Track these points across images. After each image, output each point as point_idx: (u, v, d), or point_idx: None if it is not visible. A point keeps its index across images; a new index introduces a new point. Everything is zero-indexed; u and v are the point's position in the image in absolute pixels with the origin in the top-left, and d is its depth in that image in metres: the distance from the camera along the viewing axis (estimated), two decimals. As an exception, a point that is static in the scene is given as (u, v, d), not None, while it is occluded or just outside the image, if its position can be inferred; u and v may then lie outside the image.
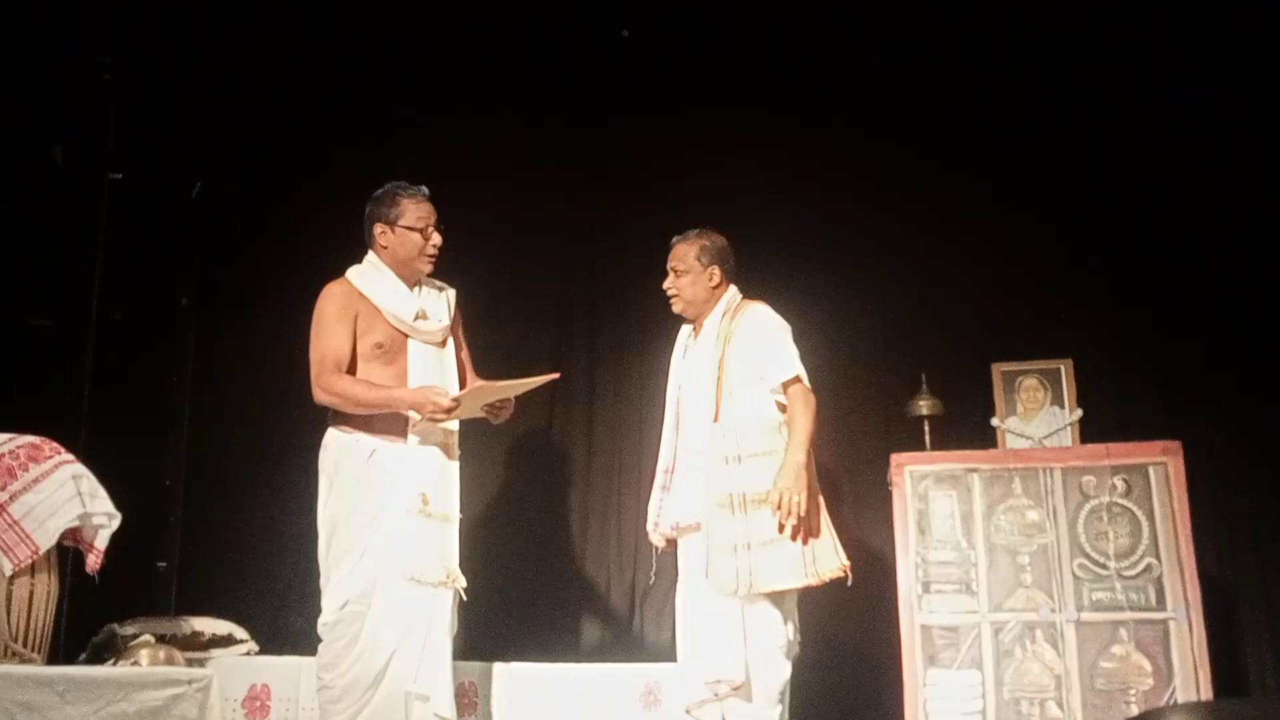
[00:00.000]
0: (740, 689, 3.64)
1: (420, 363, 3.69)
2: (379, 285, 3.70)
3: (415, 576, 3.52)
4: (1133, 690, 4.11)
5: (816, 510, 3.77)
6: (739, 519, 3.71)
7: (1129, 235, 5.35)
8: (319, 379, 3.61)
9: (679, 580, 3.94)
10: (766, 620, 3.68)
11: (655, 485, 4.01)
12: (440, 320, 3.78)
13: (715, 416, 3.83)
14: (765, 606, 3.68)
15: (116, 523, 3.57)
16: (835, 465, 5.03)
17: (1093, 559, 4.27)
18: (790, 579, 3.68)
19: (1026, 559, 4.32)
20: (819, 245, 5.35)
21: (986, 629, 4.27)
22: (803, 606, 3.83)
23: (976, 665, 4.23)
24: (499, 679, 4.12)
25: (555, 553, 5.06)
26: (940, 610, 4.29)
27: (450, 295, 3.86)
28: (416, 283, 3.78)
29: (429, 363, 3.71)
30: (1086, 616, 4.23)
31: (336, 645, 3.51)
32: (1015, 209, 5.38)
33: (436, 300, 3.80)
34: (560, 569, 5.04)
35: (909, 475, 4.44)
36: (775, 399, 3.84)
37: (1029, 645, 4.23)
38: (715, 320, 3.97)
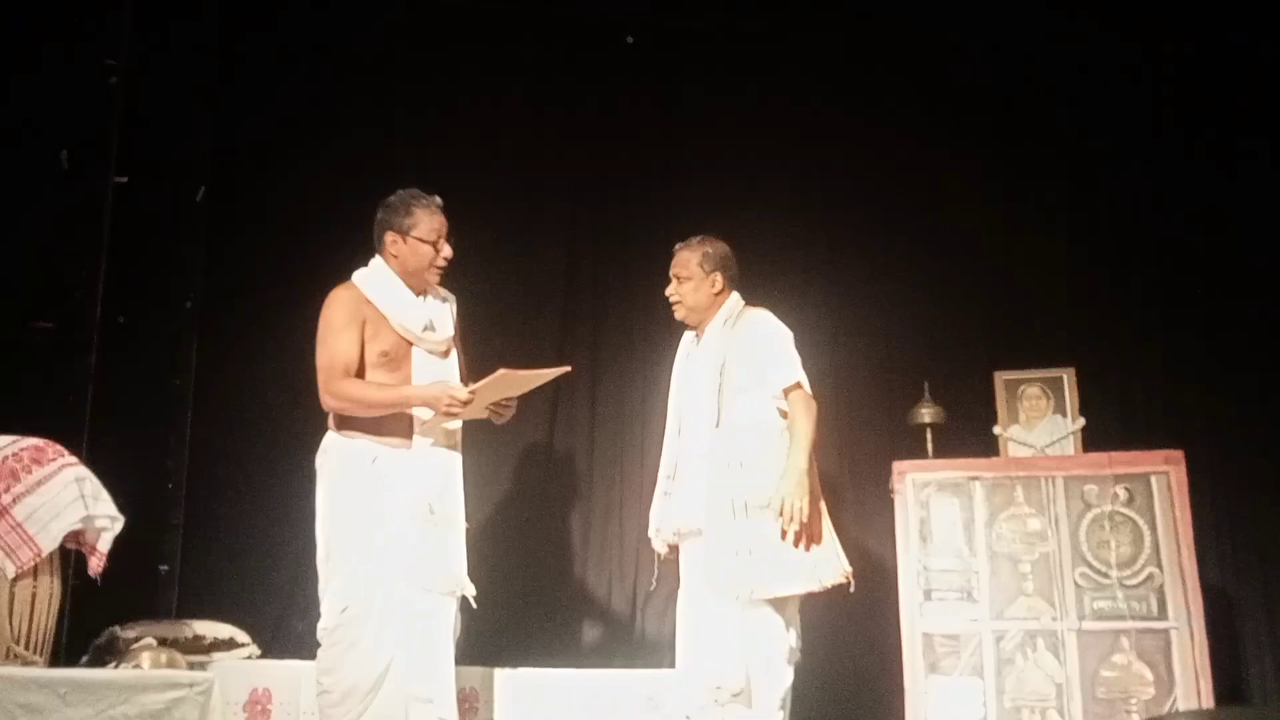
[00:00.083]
0: (741, 695, 3.64)
1: (424, 371, 3.68)
2: (388, 294, 3.68)
3: (423, 585, 3.51)
4: (1134, 699, 4.11)
5: (818, 516, 3.77)
6: (741, 525, 3.71)
7: (1132, 244, 5.36)
8: (328, 384, 3.58)
9: (680, 586, 3.94)
10: (768, 626, 3.68)
11: (657, 491, 4.01)
12: (446, 331, 3.78)
13: (717, 422, 3.83)
14: (767, 612, 3.68)
15: (119, 525, 3.57)
16: (838, 472, 5.03)
17: (1094, 568, 4.27)
18: (792, 585, 3.68)
19: (1028, 567, 4.32)
20: (822, 253, 5.36)
21: (988, 637, 4.26)
22: (805, 613, 3.83)
23: (978, 673, 4.23)
24: (500, 684, 4.12)
25: (557, 558, 5.06)
26: (942, 618, 4.29)
27: (452, 304, 3.86)
28: (422, 291, 3.77)
29: (433, 371, 3.71)
30: (1088, 625, 4.22)
31: (336, 649, 3.50)
32: (1018, 217, 5.39)
33: (441, 310, 3.79)
34: (562, 574, 5.04)
35: (911, 483, 4.44)
36: (777, 405, 3.84)
37: (1030, 653, 4.23)
38: (717, 327, 3.97)
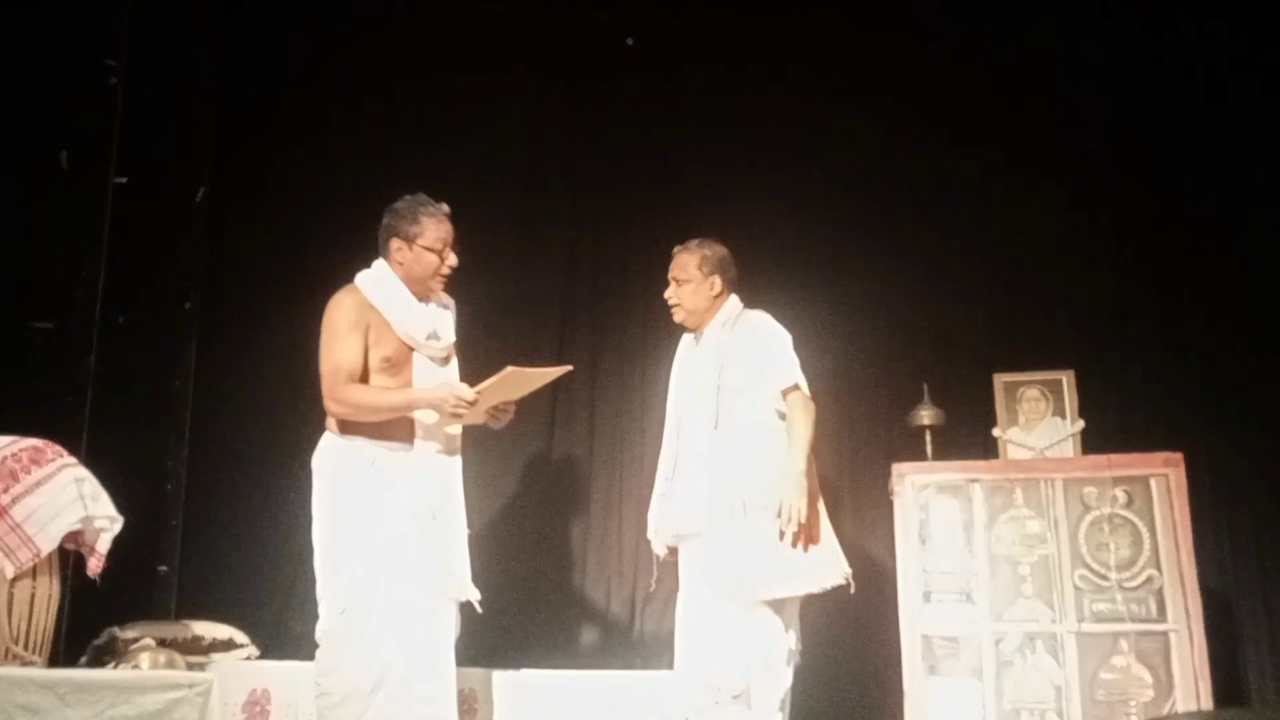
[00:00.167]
0: (740, 696, 3.64)
1: (425, 377, 3.67)
2: (392, 299, 3.66)
3: (423, 588, 3.51)
4: (1133, 701, 4.11)
5: (817, 517, 3.77)
6: (740, 526, 3.71)
7: (1131, 247, 5.37)
8: (333, 391, 3.55)
9: (680, 588, 3.94)
10: (768, 628, 3.68)
11: (655, 493, 4.01)
12: (448, 339, 3.77)
13: (716, 424, 3.83)
14: (767, 614, 3.68)
15: (118, 526, 3.57)
16: (837, 475, 5.03)
17: (1094, 570, 4.27)
18: (792, 586, 3.69)
19: (1027, 569, 4.32)
20: (821, 255, 5.37)
21: (987, 639, 4.26)
22: (804, 615, 3.83)
23: (977, 675, 4.23)
24: (499, 686, 4.11)
25: (556, 559, 5.06)
26: (941, 620, 4.29)
27: (453, 310, 3.85)
28: (424, 298, 3.75)
29: (433, 377, 3.69)
30: (1087, 627, 4.22)
31: (335, 651, 3.50)
32: (1017, 219, 5.39)
33: (443, 316, 3.77)
34: (561, 576, 5.04)
35: (910, 485, 4.44)
36: (776, 407, 3.84)
37: (1029, 656, 4.23)
38: (716, 329, 3.97)
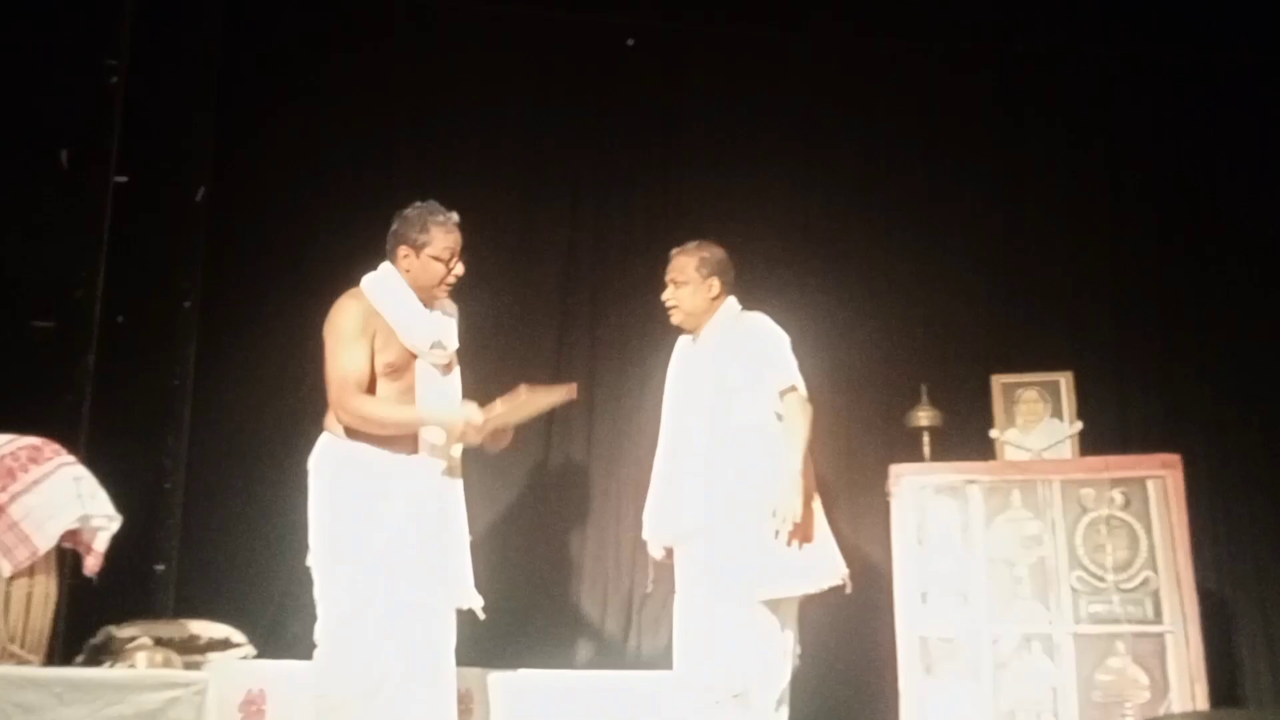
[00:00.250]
0: (738, 696, 3.64)
1: (427, 385, 3.65)
2: (398, 307, 3.63)
3: (423, 590, 3.50)
4: (1129, 703, 4.12)
5: (813, 518, 3.77)
6: (738, 527, 3.71)
7: (1129, 249, 5.37)
8: (342, 401, 3.52)
9: (677, 588, 3.94)
10: (765, 627, 3.68)
11: (651, 494, 4.01)
12: (452, 347, 3.75)
13: (714, 425, 3.83)
14: (764, 614, 3.68)
15: (116, 525, 3.57)
16: (834, 476, 5.02)
17: (1090, 571, 4.28)
18: (789, 586, 3.69)
19: (1024, 571, 4.32)
20: (819, 257, 5.37)
21: (984, 640, 4.27)
22: (802, 616, 3.83)
23: (973, 676, 4.23)
24: (496, 686, 4.11)
25: (554, 560, 5.06)
26: (938, 621, 4.30)
27: (456, 317, 3.82)
28: (428, 304, 3.72)
29: (435, 385, 3.67)
30: (1084, 629, 4.23)
31: (334, 653, 3.49)
32: (1016, 222, 5.40)
33: (447, 324, 3.75)
34: (559, 576, 5.04)
35: (908, 486, 4.45)
36: (773, 408, 3.84)
37: (1026, 657, 4.23)
38: (714, 330, 3.98)
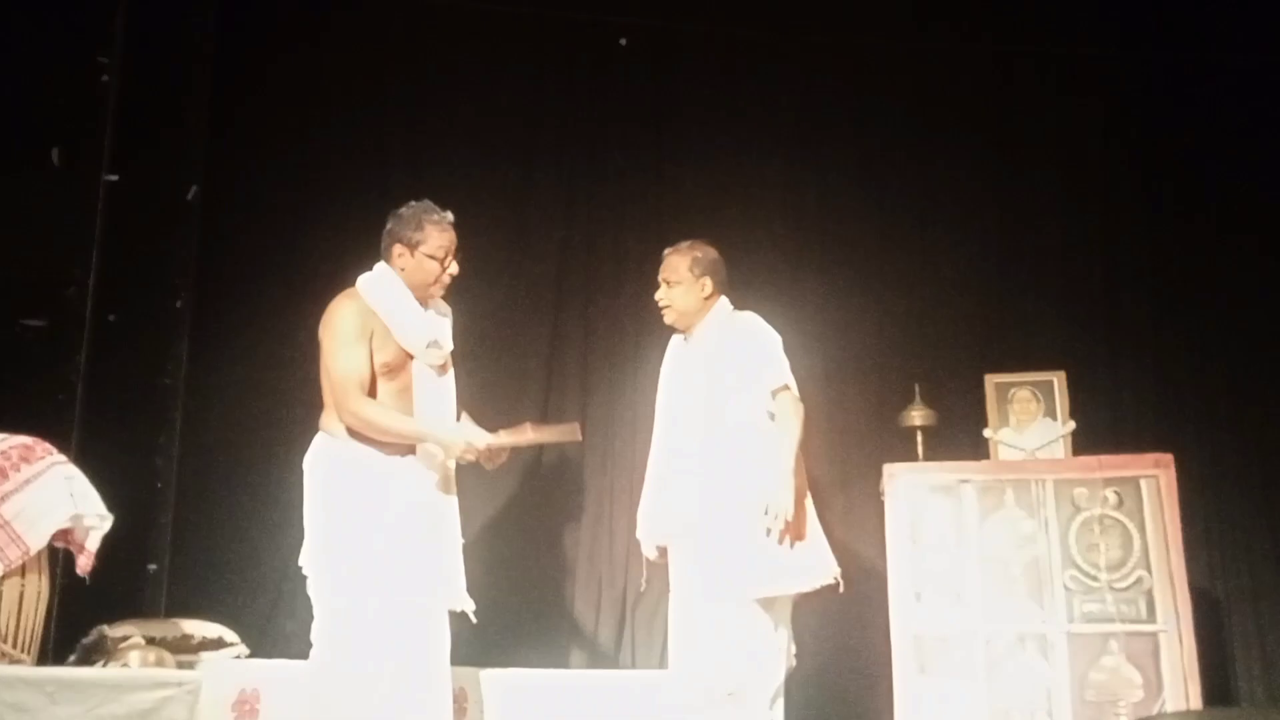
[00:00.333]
0: (732, 695, 3.64)
1: (422, 385, 3.64)
2: (394, 306, 3.63)
3: (418, 590, 3.49)
4: (1122, 702, 4.12)
5: (805, 517, 3.78)
6: (730, 526, 3.72)
7: (1123, 248, 5.38)
8: (346, 402, 3.51)
9: (671, 587, 3.94)
10: (759, 626, 3.68)
11: (645, 493, 4.01)
12: (448, 347, 3.74)
13: (706, 425, 3.84)
14: (757, 612, 3.68)
15: (108, 524, 3.56)
16: (828, 475, 5.03)
17: (1084, 570, 4.28)
18: (782, 585, 3.70)
19: (1018, 570, 4.33)
20: (812, 256, 5.37)
21: (978, 639, 4.27)
22: (796, 615, 3.83)
23: (968, 675, 4.24)
24: (491, 686, 4.11)
25: (548, 559, 5.05)
26: (932, 620, 4.30)
27: (450, 318, 3.81)
28: (423, 304, 3.72)
29: (430, 386, 3.67)
30: (1077, 628, 4.23)
31: (329, 653, 3.49)
32: (1009, 221, 5.41)
33: (442, 324, 3.75)
34: (553, 575, 5.03)
35: (902, 485, 4.45)
36: (766, 407, 3.84)
37: (1020, 656, 4.24)
38: (707, 330, 3.98)
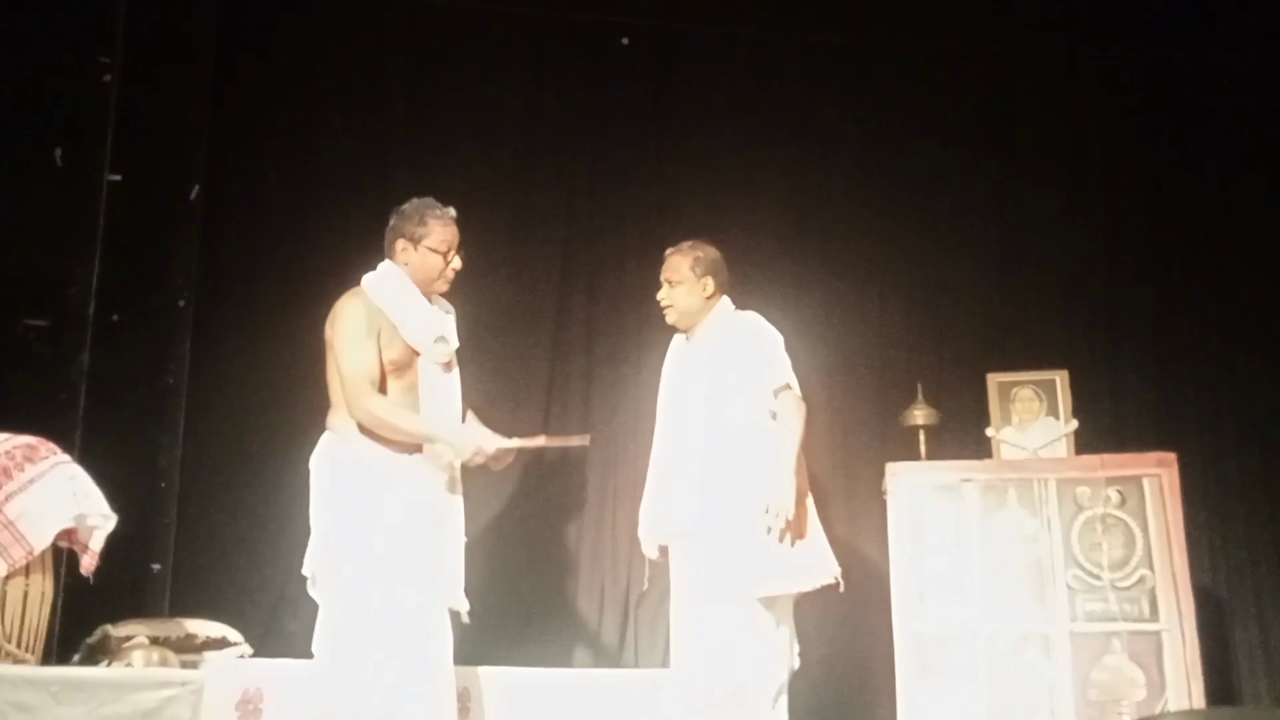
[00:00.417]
0: (734, 695, 3.65)
1: (428, 382, 3.64)
2: (400, 303, 3.63)
3: (419, 590, 3.49)
4: (1125, 701, 4.12)
5: (806, 516, 3.78)
6: (731, 526, 3.72)
7: (1125, 248, 5.38)
8: (358, 399, 3.51)
9: (672, 587, 3.94)
10: (760, 625, 3.68)
11: (647, 493, 4.01)
12: (454, 344, 3.75)
13: (708, 424, 3.83)
14: (758, 611, 3.68)
15: (112, 524, 3.57)
16: (830, 474, 5.03)
17: (1086, 570, 4.28)
18: (783, 584, 3.70)
19: (1020, 569, 4.33)
20: (814, 256, 5.37)
21: (980, 639, 4.27)
22: (799, 615, 3.84)
23: (970, 675, 4.24)
24: (493, 685, 4.11)
25: (551, 559, 5.05)
26: (934, 620, 4.30)
27: (453, 316, 3.82)
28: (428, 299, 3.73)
29: (436, 383, 3.67)
30: (1080, 627, 4.23)
31: (334, 653, 3.47)
32: (1011, 220, 5.41)
33: (447, 322, 3.75)
34: (556, 575, 5.03)
35: (904, 484, 4.45)
36: (768, 407, 3.85)
37: (1022, 655, 4.24)
38: (708, 330, 3.98)
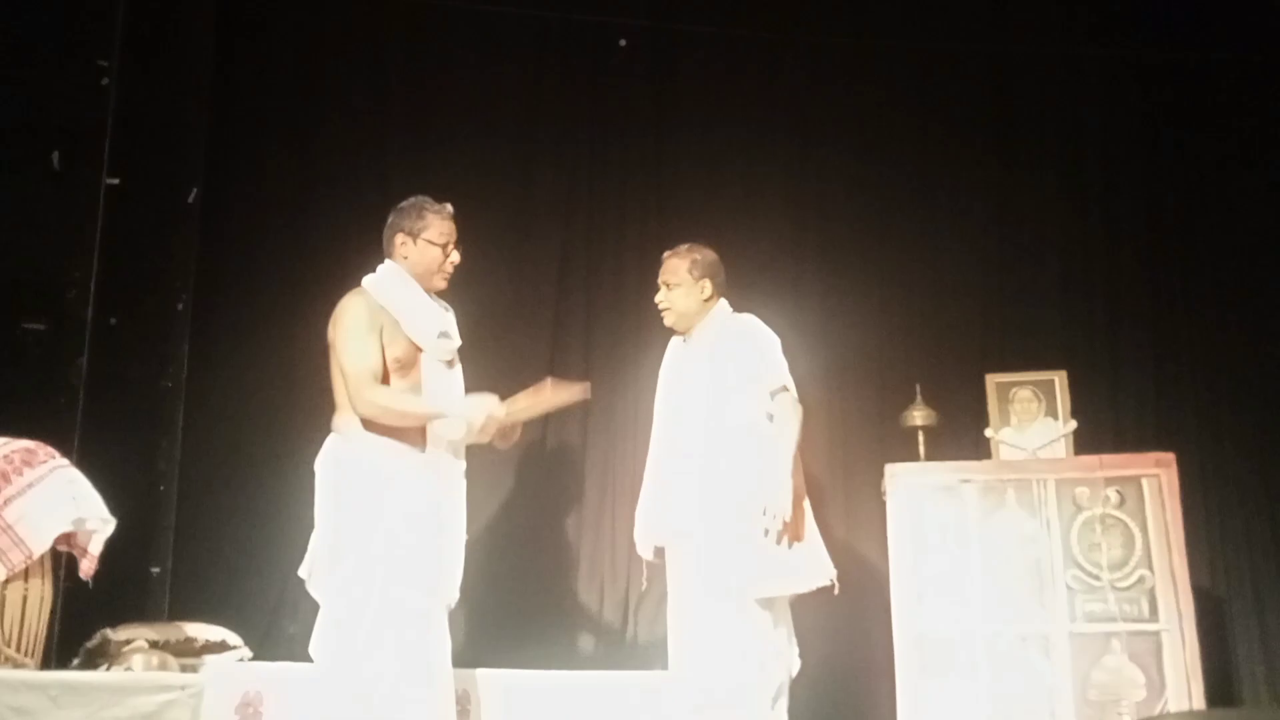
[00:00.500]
0: (733, 695, 3.65)
1: (432, 379, 3.65)
2: (402, 300, 3.65)
3: (419, 589, 3.50)
4: (1125, 701, 4.12)
5: (802, 518, 3.78)
6: (729, 527, 3.71)
7: (1124, 248, 5.39)
8: (361, 392, 3.52)
9: (669, 588, 3.94)
10: (758, 626, 3.68)
11: (643, 494, 4.01)
12: (457, 340, 3.76)
13: (706, 426, 3.83)
14: (756, 613, 3.68)
15: (110, 527, 3.57)
16: (830, 475, 5.03)
17: (1086, 570, 4.28)
18: (780, 585, 3.70)
19: (1020, 570, 4.33)
20: (813, 257, 5.37)
21: (980, 639, 4.27)
22: (798, 616, 3.84)
23: (970, 676, 4.24)
24: (492, 686, 4.11)
25: (549, 560, 5.05)
26: (934, 620, 4.30)
27: (453, 315, 3.83)
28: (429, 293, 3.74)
29: (440, 379, 3.68)
30: (1079, 628, 4.24)
31: (336, 654, 3.48)
32: (1010, 221, 5.41)
33: (447, 319, 3.76)
34: (554, 576, 5.03)
35: (903, 485, 4.45)
36: (764, 409, 3.85)
37: (1022, 656, 4.23)
38: (706, 332, 3.98)
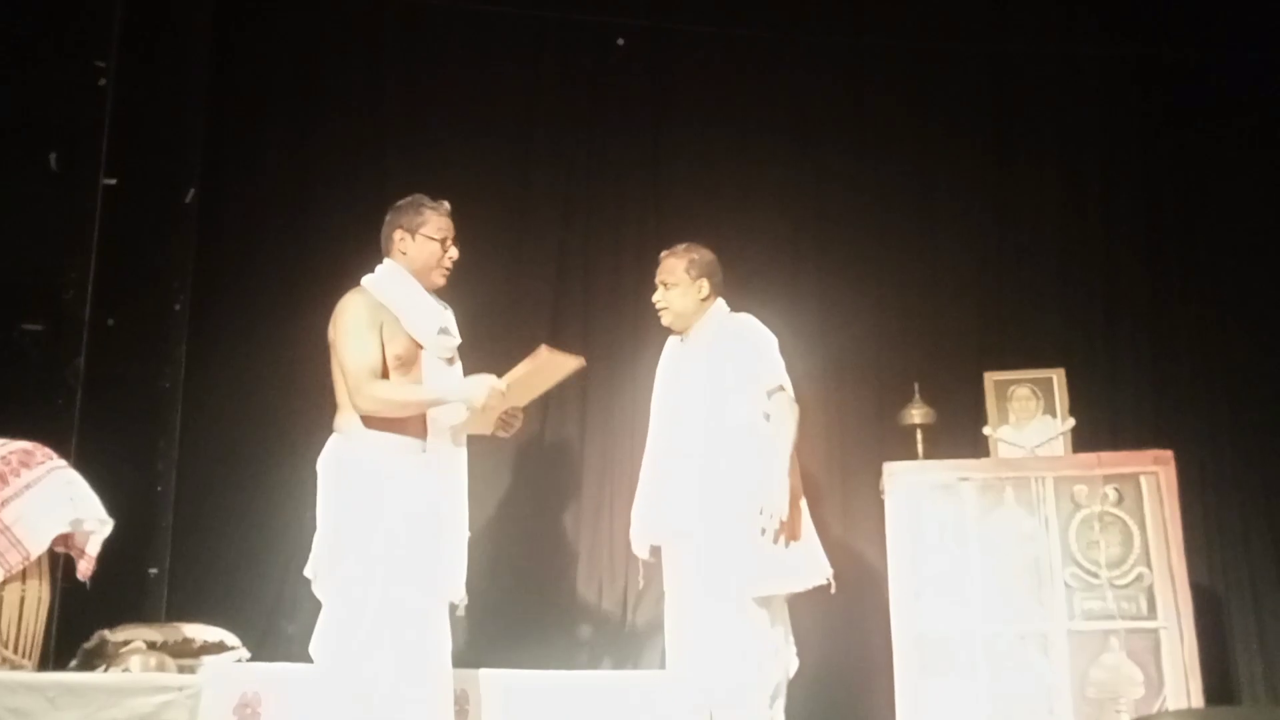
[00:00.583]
0: (731, 695, 3.65)
1: (432, 376, 3.66)
2: (402, 297, 3.66)
3: (419, 588, 3.50)
4: (1123, 699, 4.13)
5: (799, 517, 3.78)
6: (725, 526, 3.72)
7: (1123, 246, 5.38)
8: (361, 388, 3.53)
9: (665, 588, 3.94)
10: (755, 625, 3.69)
11: (640, 494, 4.01)
12: (457, 337, 3.76)
13: (703, 426, 3.84)
14: (754, 612, 3.69)
15: (108, 529, 3.57)
16: (828, 474, 5.03)
17: (1084, 568, 4.29)
18: (778, 584, 3.70)
19: (1018, 568, 4.33)
20: (810, 256, 5.37)
21: (978, 638, 4.27)
22: (796, 616, 3.84)
23: (969, 674, 4.24)
24: (491, 686, 4.11)
25: (547, 560, 5.05)
26: (933, 619, 4.30)
27: (451, 313, 3.84)
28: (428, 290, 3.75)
29: (441, 374, 3.68)
30: (1078, 625, 4.24)
31: (336, 655, 3.48)
32: (1008, 219, 5.41)
33: (447, 316, 3.77)
34: (552, 576, 5.03)
35: (901, 484, 4.45)
36: (762, 408, 3.85)
37: (1021, 654, 4.24)
38: (704, 331, 3.98)
